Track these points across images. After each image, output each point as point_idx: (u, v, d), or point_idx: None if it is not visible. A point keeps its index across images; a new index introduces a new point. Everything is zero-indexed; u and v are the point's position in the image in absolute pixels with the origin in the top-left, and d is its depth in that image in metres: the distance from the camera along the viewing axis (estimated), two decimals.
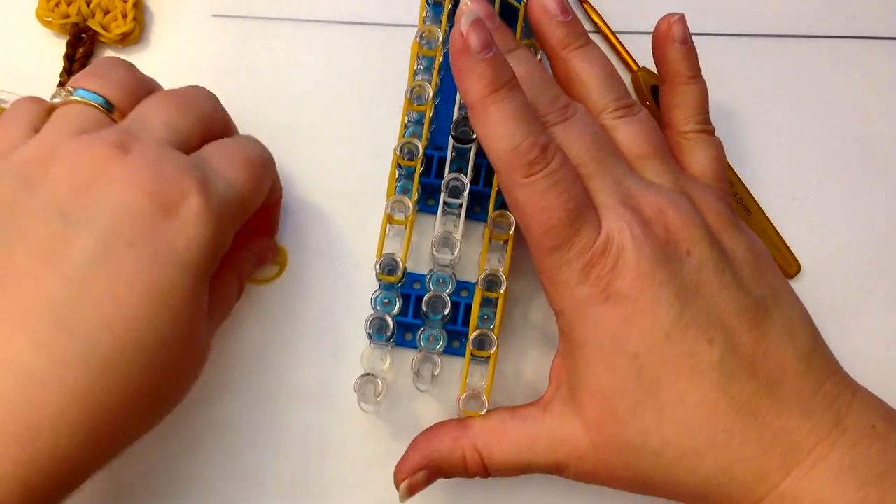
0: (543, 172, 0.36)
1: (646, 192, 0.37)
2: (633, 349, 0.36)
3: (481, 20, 0.36)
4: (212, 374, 0.45)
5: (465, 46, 0.36)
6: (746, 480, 0.35)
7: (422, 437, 0.40)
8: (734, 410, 0.35)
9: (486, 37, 0.36)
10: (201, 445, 0.44)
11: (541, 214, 0.36)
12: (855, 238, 0.47)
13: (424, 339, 0.42)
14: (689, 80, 0.42)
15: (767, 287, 0.37)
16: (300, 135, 0.47)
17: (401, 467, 0.40)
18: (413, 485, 0.39)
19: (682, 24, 0.42)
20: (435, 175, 0.44)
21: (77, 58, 0.47)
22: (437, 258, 0.42)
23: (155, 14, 0.49)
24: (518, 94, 0.37)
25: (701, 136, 0.42)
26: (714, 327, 0.36)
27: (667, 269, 0.36)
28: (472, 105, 0.37)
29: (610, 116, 0.40)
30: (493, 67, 0.36)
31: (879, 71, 0.49)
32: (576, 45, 0.41)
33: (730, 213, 0.39)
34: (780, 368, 0.36)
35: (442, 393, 0.44)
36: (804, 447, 0.35)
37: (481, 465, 0.39)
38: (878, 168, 0.48)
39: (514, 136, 0.36)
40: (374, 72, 0.48)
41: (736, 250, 0.38)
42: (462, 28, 0.36)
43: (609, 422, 0.36)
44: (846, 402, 0.36)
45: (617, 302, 0.36)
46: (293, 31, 0.48)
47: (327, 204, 0.47)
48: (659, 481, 0.37)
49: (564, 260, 0.36)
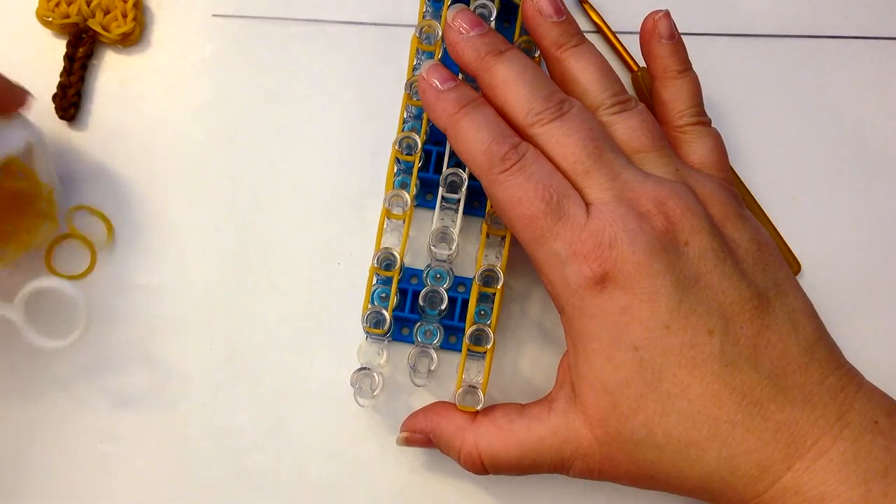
0: (517, 167, 0.37)
1: (644, 184, 0.37)
2: (633, 341, 0.35)
3: (438, 63, 0.41)
4: (212, 375, 0.44)
5: (429, 85, 0.40)
6: (749, 473, 0.35)
7: (434, 410, 0.41)
8: (736, 401, 0.35)
9: (446, 73, 0.40)
10: (201, 445, 0.44)
11: (519, 206, 0.37)
12: (855, 238, 0.47)
13: (421, 333, 0.42)
14: (679, 75, 0.42)
15: (770, 278, 0.37)
16: (300, 135, 0.47)
17: (408, 423, 0.42)
18: (411, 441, 0.42)
19: (667, 19, 0.43)
20: (433, 170, 0.44)
21: (77, 58, 0.47)
22: (435, 253, 0.42)
23: (155, 14, 0.49)
24: (486, 108, 0.39)
25: (697, 128, 0.42)
26: (714, 317, 0.35)
27: (664, 259, 0.35)
28: (445, 126, 0.39)
29: (607, 112, 0.40)
30: (457, 91, 0.39)
31: (879, 71, 0.49)
32: (570, 45, 0.41)
33: (733, 202, 0.39)
34: (782, 360, 0.36)
35: (438, 388, 0.44)
36: (807, 440, 0.35)
37: (478, 462, 0.39)
38: (877, 168, 0.48)
39: (484, 139, 0.38)
40: (373, 71, 0.48)
41: (739, 240, 0.37)
42: (423, 74, 0.40)
43: (612, 416, 0.36)
44: (850, 396, 0.36)
45: (614, 293, 0.36)
46: (293, 31, 0.48)
47: (327, 204, 0.47)
48: (663, 475, 0.36)
49: (552, 252, 0.36)
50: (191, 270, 0.45)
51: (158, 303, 0.45)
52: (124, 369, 0.44)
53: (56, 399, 0.44)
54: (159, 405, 0.44)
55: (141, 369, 0.44)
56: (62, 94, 0.47)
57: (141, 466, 0.44)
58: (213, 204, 0.46)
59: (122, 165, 0.47)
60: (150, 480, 0.43)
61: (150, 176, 0.47)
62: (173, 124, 0.47)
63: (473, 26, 0.40)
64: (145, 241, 0.46)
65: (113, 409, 0.44)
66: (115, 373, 0.44)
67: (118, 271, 0.45)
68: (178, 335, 0.45)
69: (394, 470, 0.44)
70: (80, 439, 0.44)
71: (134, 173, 0.47)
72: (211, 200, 0.46)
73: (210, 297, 0.45)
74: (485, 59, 0.39)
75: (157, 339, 0.45)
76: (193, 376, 0.44)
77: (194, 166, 0.47)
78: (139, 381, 0.44)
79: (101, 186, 0.46)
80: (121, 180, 0.46)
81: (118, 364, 0.44)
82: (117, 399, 0.44)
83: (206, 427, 0.44)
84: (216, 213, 0.46)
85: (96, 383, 0.44)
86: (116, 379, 0.44)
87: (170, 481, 0.44)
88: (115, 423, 0.44)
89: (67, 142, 0.47)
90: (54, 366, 0.44)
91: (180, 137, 0.47)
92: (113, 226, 0.46)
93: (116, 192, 0.46)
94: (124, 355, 0.45)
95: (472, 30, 0.40)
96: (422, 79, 0.40)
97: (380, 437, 0.44)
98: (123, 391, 0.44)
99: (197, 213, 0.46)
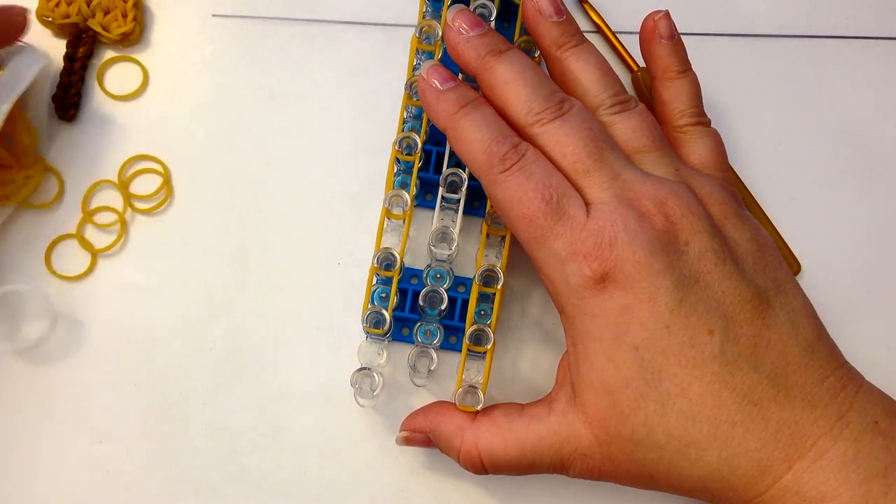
0: (517, 166, 0.37)
1: (644, 184, 0.37)
2: (634, 340, 0.35)
3: (438, 63, 0.41)
4: (212, 375, 0.44)
5: (429, 86, 0.40)
6: (749, 472, 0.35)
7: (433, 410, 0.41)
8: (736, 401, 0.35)
9: (446, 73, 0.40)
10: (201, 446, 0.44)
11: (519, 206, 0.37)
12: (855, 238, 0.47)
13: (421, 333, 0.42)
14: (678, 75, 0.42)
15: (770, 278, 0.37)
16: (300, 135, 0.47)
17: (408, 422, 0.42)
18: (410, 440, 0.42)
19: (667, 20, 0.43)
20: (433, 170, 0.44)
21: (77, 58, 0.47)
22: (435, 253, 0.42)
23: (155, 14, 0.49)
24: (485, 107, 0.39)
25: (696, 128, 0.42)
26: (714, 317, 0.35)
27: (664, 258, 0.35)
28: (445, 126, 0.39)
29: (607, 112, 0.40)
30: (457, 91, 0.39)
31: (879, 71, 0.49)
32: (570, 45, 0.41)
33: (733, 202, 0.39)
34: (782, 360, 0.35)
35: (439, 388, 0.44)
36: (807, 440, 0.35)
37: (478, 461, 0.39)
38: (877, 168, 0.48)
39: (484, 139, 0.38)
40: (373, 71, 0.48)
41: (739, 240, 0.37)
42: (423, 74, 0.40)
43: (612, 416, 0.36)
44: (850, 396, 0.36)
45: (614, 292, 0.36)
46: (293, 31, 0.48)
47: (327, 203, 0.46)
48: (663, 475, 0.36)
49: (552, 252, 0.36)
50: (191, 270, 0.45)
51: (158, 303, 0.45)
52: (124, 369, 0.44)
53: (55, 399, 0.44)
54: (159, 405, 0.44)
55: (141, 369, 0.44)
56: (62, 94, 0.47)
57: (140, 467, 0.44)
58: (213, 204, 0.46)
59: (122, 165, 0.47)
60: (149, 481, 0.43)
61: (151, 176, 0.46)
62: (173, 124, 0.47)
63: (473, 26, 0.40)
64: (145, 241, 0.46)
65: (113, 409, 0.44)
66: (115, 373, 0.44)
67: (118, 271, 0.45)
68: (178, 335, 0.45)
69: (394, 470, 0.44)
70: (80, 439, 0.44)
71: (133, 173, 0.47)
72: (211, 200, 0.46)
73: (210, 297, 0.45)
74: (485, 58, 0.39)
75: (157, 339, 0.45)
76: (193, 376, 0.44)
77: (194, 166, 0.47)
78: (139, 380, 0.44)
79: (100, 186, 0.46)
80: (120, 180, 0.46)
81: (118, 364, 0.44)
82: (117, 399, 0.44)
83: (205, 427, 0.44)
84: (216, 213, 0.46)
85: (96, 383, 0.44)
86: (116, 379, 0.44)
87: (169, 482, 0.43)
88: (115, 423, 0.44)
89: (67, 141, 0.47)
90: (54, 365, 0.44)
91: (180, 137, 0.47)
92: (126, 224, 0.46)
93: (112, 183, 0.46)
94: (124, 355, 0.45)
95: (472, 30, 0.40)
96: (422, 79, 0.40)
97: (380, 437, 0.44)
98: (123, 391, 0.44)
99: (197, 213, 0.46)
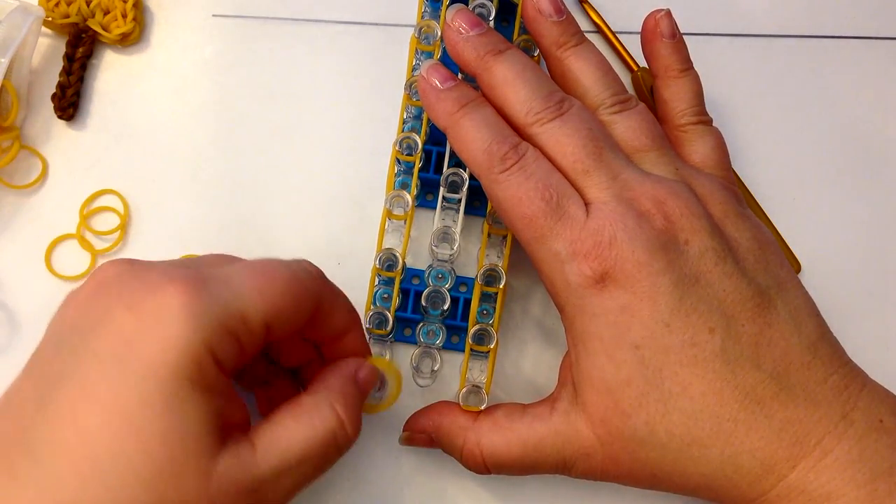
0: (517, 166, 0.37)
1: (643, 183, 0.37)
2: (634, 339, 0.35)
3: (437, 63, 0.40)
4: None
5: (429, 85, 0.40)
6: (753, 471, 0.35)
7: (436, 409, 0.41)
8: (739, 400, 0.35)
9: (445, 73, 0.40)
10: None
11: (519, 206, 0.37)
12: (855, 238, 0.47)
13: (424, 334, 0.42)
14: (680, 74, 0.42)
15: (772, 276, 0.37)
16: (300, 135, 0.47)
17: (410, 422, 0.42)
18: (414, 440, 0.42)
19: (668, 18, 0.43)
20: (434, 170, 0.44)
21: (77, 58, 0.47)
22: (437, 253, 0.42)
23: (155, 14, 0.49)
24: (486, 107, 0.39)
25: (698, 127, 0.42)
26: (715, 315, 0.35)
27: (664, 257, 0.35)
28: (445, 126, 0.39)
29: (607, 112, 0.40)
30: (457, 91, 0.39)
31: (879, 71, 0.49)
32: (570, 45, 0.41)
33: (734, 201, 0.39)
34: (785, 358, 0.35)
35: (442, 388, 0.44)
36: (811, 438, 0.34)
37: (480, 461, 0.39)
38: (877, 168, 0.48)
39: (484, 139, 0.38)
40: (373, 71, 0.48)
41: (739, 239, 0.37)
42: (423, 74, 0.40)
43: (614, 415, 0.36)
44: (854, 394, 0.36)
45: (614, 291, 0.35)
46: (293, 31, 0.48)
47: (327, 203, 0.46)
48: (666, 474, 0.36)
49: (552, 252, 0.36)
50: None
51: None
52: None
53: None
54: None
55: None
56: (61, 93, 0.47)
57: None
58: (214, 203, 0.46)
59: (122, 166, 0.47)
60: None
61: (150, 176, 0.46)
62: (173, 124, 0.47)
63: (472, 26, 0.40)
64: (145, 241, 0.46)
65: None
66: None
67: None
68: None
69: (395, 470, 0.44)
70: None
71: (133, 173, 0.46)
72: (211, 200, 0.46)
73: None
74: (484, 58, 0.39)
75: None
76: None
77: (194, 166, 0.47)
78: None
79: (100, 186, 0.46)
80: (120, 180, 0.46)
81: None
82: None
83: None
84: (216, 212, 0.46)
85: None
86: None
87: None
88: None
89: (66, 141, 0.47)
90: None
91: (180, 137, 0.47)
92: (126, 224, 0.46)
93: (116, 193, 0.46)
94: None
95: (472, 29, 0.40)
96: (422, 79, 0.40)
97: (382, 437, 0.44)
98: None
99: (197, 213, 0.46)
